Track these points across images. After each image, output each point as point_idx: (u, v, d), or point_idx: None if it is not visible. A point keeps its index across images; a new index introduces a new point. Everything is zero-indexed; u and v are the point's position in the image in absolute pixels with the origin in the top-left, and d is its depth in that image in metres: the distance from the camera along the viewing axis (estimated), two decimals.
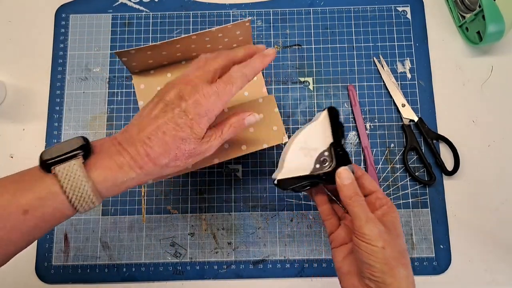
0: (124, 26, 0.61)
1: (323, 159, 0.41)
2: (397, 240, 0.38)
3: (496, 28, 0.53)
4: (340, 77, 0.59)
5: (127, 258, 0.54)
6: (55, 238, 0.54)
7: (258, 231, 0.54)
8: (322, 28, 0.60)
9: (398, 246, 0.37)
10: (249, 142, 0.48)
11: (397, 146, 0.56)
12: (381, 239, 0.36)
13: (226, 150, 0.48)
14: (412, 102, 0.58)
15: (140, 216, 0.55)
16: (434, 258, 0.53)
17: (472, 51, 0.60)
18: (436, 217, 0.54)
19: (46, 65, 0.60)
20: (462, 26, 0.60)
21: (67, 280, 0.53)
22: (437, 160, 0.55)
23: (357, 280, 0.38)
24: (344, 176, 0.40)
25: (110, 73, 0.59)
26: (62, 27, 0.61)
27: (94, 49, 0.60)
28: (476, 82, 0.58)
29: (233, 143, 0.49)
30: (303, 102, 0.58)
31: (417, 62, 0.59)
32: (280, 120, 0.49)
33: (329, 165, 0.41)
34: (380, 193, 0.41)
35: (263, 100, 0.50)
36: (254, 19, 0.61)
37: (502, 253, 0.53)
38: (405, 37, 0.60)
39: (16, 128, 0.58)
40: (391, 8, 0.61)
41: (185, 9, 0.61)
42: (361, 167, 0.56)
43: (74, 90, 0.59)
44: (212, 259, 0.54)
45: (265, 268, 0.53)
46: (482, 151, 0.56)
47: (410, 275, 0.37)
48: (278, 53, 0.60)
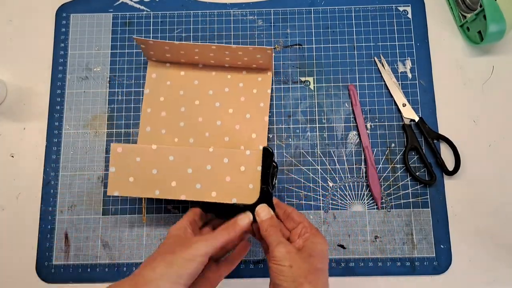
0: (124, 25, 0.61)
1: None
2: (308, 259, 0.40)
3: (497, 28, 0.53)
4: (340, 76, 0.59)
5: (128, 258, 0.54)
6: (55, 238, 0.54)
7: None
8: (322, 28, 0.60)
9: (307, 265, 0.39)
10: (220, 191, 0.47)
11: (398, 146, 0.56)
12: (287, 258, 0.39)
13: (197, 190, 0.48)
14: (413, 101, 0.57)
15: (141, 215, 0.55)
16: (435, 258, 0.53)
17: (473, 51, 0.60)
18: (436, 217, 0.54)
19: (46, 65, 0.60)
20: (463, 25, 0.60)
21: (67, 279, 0.53)
22: (437, 160, 0.55)
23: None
24: (262, 214, 0.44)
25: (110, 73, 0.59)
26: (62, 26, 0.61)
27: (95, 49, 0.60)
28: (477, 82, 0.58)
29: (205, 186, 0.48)
30: (304, 102, 0.58)
31: (418, 61, 0.59)
32: (259, 179, 0.47)
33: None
34: (306, 222, 0.45)
35: (251, 154, 0.48)
36: (255, 19, 0.61)
37: (502, 253, 0.53)
38: (406, 37, 0.60)
39: (17, 127, 0.58)
40: (392, 7, 0.61)
41: (185, 9, 0.61)
42: (362, 166, 0.56)
43: (75, 90, 0.59)
44: None
45: (266, 268, 0.53)
46: (483, 151, 0.56)
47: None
48: (279, 52, 0.60)
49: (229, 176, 0.47)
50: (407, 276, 0.53)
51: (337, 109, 0.58)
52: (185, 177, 0.48)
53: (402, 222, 0.54)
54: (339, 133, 0.57)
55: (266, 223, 0.43)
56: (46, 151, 0.57)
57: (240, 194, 0.47)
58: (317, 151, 0.56)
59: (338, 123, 0.57)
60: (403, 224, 0.54)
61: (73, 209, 0.55)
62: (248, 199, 0.46)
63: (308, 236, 0.43)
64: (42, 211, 0.55)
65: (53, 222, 0.55)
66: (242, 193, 0.47)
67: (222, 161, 0.48)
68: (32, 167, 0.56)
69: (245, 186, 0.47)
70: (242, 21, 0.61)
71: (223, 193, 0.47)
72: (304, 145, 0.56)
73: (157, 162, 0.49)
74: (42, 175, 0.56)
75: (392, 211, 0.54)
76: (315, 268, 0.39)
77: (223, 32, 0.60)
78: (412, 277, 0.53)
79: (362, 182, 0.55)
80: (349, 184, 0.55)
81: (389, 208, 0.54)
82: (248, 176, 0.47)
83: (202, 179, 0.48)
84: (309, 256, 0.40)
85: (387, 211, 0.54)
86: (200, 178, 0.48)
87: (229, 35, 0.60)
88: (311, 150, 0.56)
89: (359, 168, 0.56)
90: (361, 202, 0.55)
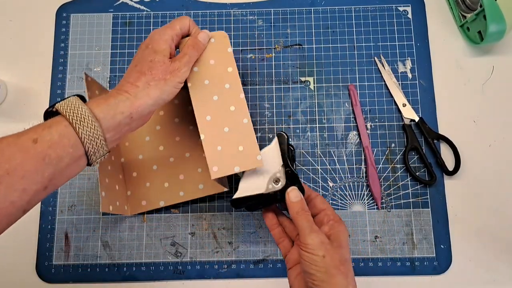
0: (125, 25, 0.61)
1: (275, 179, 0.45)
2: (339, 250, 0.40)
3: (497, 28, 0.53)
4: (341, 76, 0.59)
5: (128, 258, 0.54)
6: (55, 238, 0.54)
7: (259, 230, 0.54)
8: (323, 28, 0.60)
9: (338, 255, 0.40)
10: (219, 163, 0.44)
11: (398, 146, 0.56)
12: (322, 248, 0.39)
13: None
14: (413, 101, 0.57)
15: (141, 215, 0.55)
16: (435, 258, 0.53)
17: (473, 51, 0.60)
18: (436, 217, 0.54)
19: (47, 65, 0.60)
20: (463, 25, 0.60)
21: (67, 279, 0.53)
22: (437, 160, 0.55)
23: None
24: (292, 195, 0.44)
25: (111, 73, 0.59)
26: (63, 26, 0.61)
27: (95, 49, 0.60)
28: (477, 82, 0.58)
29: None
30: (304, 102, 0.58)
31: (418, 61, 0.59)
32: (246, 137, 0.44)
33: (281, 184, 0.45)
34: (329, 210, 0.45)
35: (235, 109, 0.46)
36: (255, 19, 0.61)
37: (502, 253, 0.53)
38: (406, 37, 0.60)
39: (17, 127, 0.57)
40: (392, 7, 0.61)
41: (186, 9, 0.61)
42: (362, 166, 0.56)
43: (75, 90, 0.59)
44: (212, 259, 0.54)
45: (266, 268, 0.53)
46: (483, 151, 0.56)
47: (350, 284, 0.39)
48: (279, 52, 0.60)
49: (220, 146, 0.45)
50: (407, 276, 0.53)
51: (337, 109, 0.58)
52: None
53: (402, 222, 0.54)
54: (339, 133, 0.57)
55: (297, 206, 0.43)
56: None
57: (239, 161, 0.44)
58: (317, 151, 0.56)
59: (338, 123, 0.57)
60: (403, 224, 0.54)
61: (73, 209, 0.55)
62: (250, 162, 0.44)
63: (333, 224, 0.43)
64: (42, 211, 0.55)
65: (53, 222, 0.55)
66: (242, 159, 0.44)
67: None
68: None
69: (236, 151, 0.44)
70: (242, 21, 0.61)
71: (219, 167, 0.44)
72: (304, 145, 0.56)
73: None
74: None
75: (392, 211, 0.54)
76: (345, 259, 0.40)
77: None
78: (412, 277, 0.53)
79: (362, 182, 0.55)
80: (349, 184, 0.55)
81: (389, 208, 0.55)
82: (234, 138, 0.45)
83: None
84: (339, 246, 0.41)
85: (387, 211, 0.54)
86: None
87: (229, 35, 0.60)
88: (311, 150, 0.56)
89: (359, 168, 0.56)
90: (361, 202, 0.55)
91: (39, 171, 0.33)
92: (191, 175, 0.53)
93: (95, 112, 0.37)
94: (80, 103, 0.37)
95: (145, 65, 0.41)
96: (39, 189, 0.34)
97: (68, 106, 0.36)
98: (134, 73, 0.41)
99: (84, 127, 0.36)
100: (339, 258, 0.39)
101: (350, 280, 0.39)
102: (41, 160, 0.33)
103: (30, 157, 0.33)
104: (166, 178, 0.54)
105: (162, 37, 0.43)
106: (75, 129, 0.35)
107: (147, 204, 0.53)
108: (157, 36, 0.43)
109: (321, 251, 0.39)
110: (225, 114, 0.46)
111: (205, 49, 0.47)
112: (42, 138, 0.34)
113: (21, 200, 0.33)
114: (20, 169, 0.33)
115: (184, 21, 0.45)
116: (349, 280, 0.39)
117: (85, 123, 0.36)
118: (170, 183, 0.53)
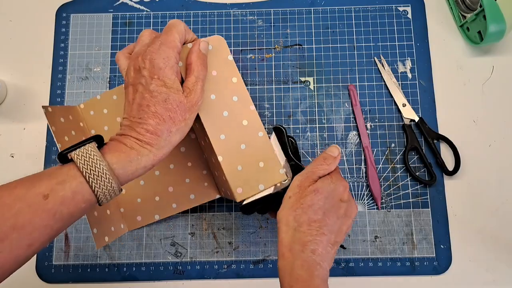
0: (125, 25, 0.61)
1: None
2: (307, 207, 0.40)
3: (497, 28, 0.53)
4: (340, 76, 0.59)
5: (128, 258, 0.54)
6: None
7: (259, 230, 0.54)
8: (322, 28, 0.60)
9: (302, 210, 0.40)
10: (243, 183, 0.44)
11: (398, 146, 0.56)
12: (294, 189, 0.42)
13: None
14: (413, 102, 0.57)
15: None
16: (435, 258, 0.53)
17: (473, 51, 0.60)
18: (436, 217, 0.54)
19: (46, 65, 0.60)
20: (463, 26, 0.60)
21: (67, 279, 0.53)
22: (437, 160, 0.55)
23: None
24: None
25: (111, 73, 0.59)
26: (63, 26, 0.61)
27: (95, 49, 0.60)
28: (477, 82, 0.58)
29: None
30: (304, 102, 0.58)
31: (417, 62, 0.59)
32: (270, 153, 0.44)
33: (288, 180, 0.44)
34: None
35: (248, 123, 0.44)
36: (255, 19, 0.61)
37: (502, 253, 0.53)
38: (405, 37, 0.60)
39: (17, 127, 0.58)
40: (392, 7, 0.61)
41: (185, 9, 0.61)
42: (362, 167, 0.56)
43: (75, 90, 0.59)
44: (212, 259, 0.54)
45: (266, 268, 0.53)
46: (483, 151, 0.56)
47: (296, 241, 0.39)
48: (278, 52, 0.60)
49: (240, 166, 0.44)
50: (407, 276, 0.53)
51: (337, 109, 0.58)
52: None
53: (402, 222, 0.54)
54: (339, 133, 0.57)
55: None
56: (46, 151, 0.56)
57: (262, 178, 0.44)
58: (317, 151, 0.56)
59: (338, 123, 0.57)
60: (403, 224, 0.54)
61: None
62: (273, 178, 0.43)
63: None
64: None
65: None
66: (261, 175, 0.44)
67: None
68: (32, 167, 0.56)
69: (256, 167, 0.44)
70: (242, 21, 0.61)
71: (248, 186, 0.44)
72: (304, 145, 0.56)
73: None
74: None
75: (392, 211, 0.54)
76: (313, 219, 0.39)
77: (223, 32, 0.60)
78: (412, 277, 0.53)
79: (362, 182, 0.55)
80: (349, 184, 0.55)
81: (389, 208, 0.54)
82: (253, 156, 0.44)
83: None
84: (310, 205, 0.40)
85: (387, 211, 0.54)
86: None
87: (229, 35, 0.60)
88: (311, 150, 0.56)
89: (359, 168, 0.56)
90: (361, 202, 0.55)
91: (48, 226, 0.32)
92: (180, 187, 0.52)
93: (114, 168, 0.35)
94: (98, 157, 0.34)
95: (160, 106, 0.36)
96: (45, 240, 0.33)
97: (84, 157, 0.34)
98: (150, 117, 0.36)
99: (100, 185, 0.34)
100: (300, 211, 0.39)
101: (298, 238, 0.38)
102: (52, 216, 0.32)
103: (40, 214, 0.32)
104: (155, 192, 0.52)
105: (167, 63, 0.37)
106: (91, 187, 0.33)
107: (143, 219, 0.53)
108: (161, 63, 0.37)
109: (291, 191, 0.41)
110: (239, 130, 0.44)
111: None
112: (54, 194, 0.32)
113: (26, 254, 0.32)
114: (28, 226, 0.31)
115: (180, 29, 0.40)
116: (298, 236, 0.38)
117: (102, 181, 0.34)
118: (160, 196, 0.52)
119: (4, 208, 0.31)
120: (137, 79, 0.38)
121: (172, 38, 0.39)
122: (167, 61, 0.37)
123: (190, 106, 0.38)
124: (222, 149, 0.43)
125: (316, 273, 0.37)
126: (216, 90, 0.44)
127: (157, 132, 0.36)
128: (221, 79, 0.44)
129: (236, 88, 0.44)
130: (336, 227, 0.40)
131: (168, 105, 0.37)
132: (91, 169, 0.33)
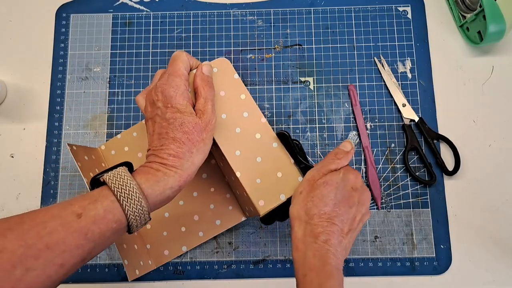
0: (124, 25, 0.61)
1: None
2: (318, 200, 0.41)
3: (497, 28, 0.53)
4: (340, 77, 0.59)
5: None
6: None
7: (259, 230, 0.54)
8: (322, 28, 0.60)
9: (313, 203, 0.41)
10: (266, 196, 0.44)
11: (398, 146, 0.56)
12: (305, 184, 0.43)
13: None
14: (413, 102, 0.57)
15: None
16: (435, 258, 0.53)
17: (473, 51, 0.60)
18: (436, 217, 0.54)
19: (46, 65, 0.60)
20: (462, 26, 0.60)
21: (67, 279, 0.53)
22: (437, 160, 0.55)
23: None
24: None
25: (110, 73, 0.59)
26: (62, 26, 0.61)
27: (95, 49, 0.60)
28: (477, 82, 0.58)
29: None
30: (304, 102, 0.58)
31: (417, 62, 0.59)
32: (285, 162, 0.44)
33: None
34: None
35: (261, 135, 0.45)
36: (255, 19, 0.61)
37: (502, 253, 0.53)
38: (405, 37, 0.60)
39: (17, 127, 0.58)
40: (392, 8, 0.61)
41: (185, 9, 0.61)
42: (362, 167, 0.56)
43: (75, 90, 0.59)
44: (212, 259, 0.54)
45: (266, 268, 0.53)
46: (483, 151, 0.56)
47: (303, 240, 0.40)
48: (278, 52, 0.60)
49: (259, 178, 0.45)
50: (407, 276, 0.53)
51: (337, 109, 0.58)
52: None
53: (402, 222, 0.54)
54: (339, 133, 0.57)
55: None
56: (46, 151, 0.57)
57: (283, 189, 0.44)
58: (317, 151, 0.56)
59: (338, 123, 0.57)
60: (403, 224, 0.54)
61: None
62: (293, 186, 0.44)
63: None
64: None
65: None
66: (284, 186, 0.44)
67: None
68: (32, 167, 0.56)
69: (275, 178, 0.44)
70: (242, 21, 0.61)
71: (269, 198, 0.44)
72: (304, 145, 0.56)
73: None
74: (42, 175, 0.56)
75: (392, 211, 0.54)
76: (323, 212, 0.40)
77: (223, 32, 0.60)
78: (412, 277, 0.53)
79: None
80: None
81: (389, 208, 0.55)
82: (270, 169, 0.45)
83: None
84: (321, 198, 0.41)
85: (387, 211, 0.54)
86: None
87: (229, 35, 0.60)
88: (311, 150, 0.56)
89: (359, 168, 0.56)
90: None
91: (80, 246, 0.33)
92: (205, 214, 0.53)
93: (143, 188, 0.36)
94: (129, 177, 0.36)
95: (177, 131, 0.39)
96: (77, 262, 0.33)
97: (116, 178, 0.36)
98: (171, 142, 0.39)
99: (130, 204, 0.35)
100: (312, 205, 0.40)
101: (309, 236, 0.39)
102: (83, 235, 0.33)
103: (72, 232, 0.33)
104: (181, 222, 0.53)
105: (177, 91, 0.40)
106: (122, 206, 0.35)
107: (170, 253, 0.52)
108: (172, 92, 0.40)
109: (301, 186, 0.42)
110: (253, 144, 0.45)
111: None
112: (86, 213, 0.33)
113: (58, 274, 0.32)
114: (62, 244, 0.32)
115: (183, 58, 0.42)
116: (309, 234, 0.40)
117: (132, 199, 0.35)
118: (186, 226, 0.52)
119: (40, 227, 0.32)
120: (154, 112, 0.41)
121: (177, 67, 0.42)
122: (177, 89, 0.40)
123: (204, 125, 0.40)
124: (239, 164, 0.44)
125: (329, 261, 0.38)
126: (226, 109, 0.45)
127: (179, 154, 0.39)
128: (230, 98, 0.46)
129: (246, 104, 0.46)
130: (349, 216, 0.41)
131: (184, 128, 0.39)
132: (122, 188, 0.35)
